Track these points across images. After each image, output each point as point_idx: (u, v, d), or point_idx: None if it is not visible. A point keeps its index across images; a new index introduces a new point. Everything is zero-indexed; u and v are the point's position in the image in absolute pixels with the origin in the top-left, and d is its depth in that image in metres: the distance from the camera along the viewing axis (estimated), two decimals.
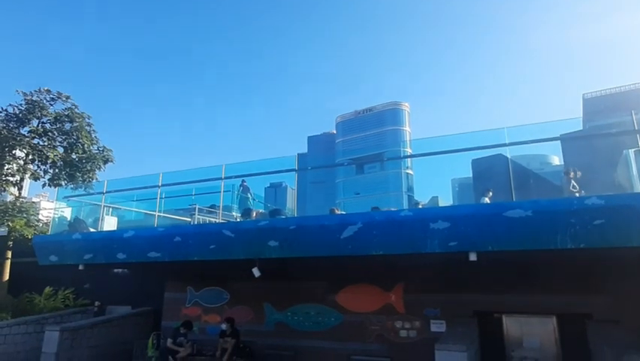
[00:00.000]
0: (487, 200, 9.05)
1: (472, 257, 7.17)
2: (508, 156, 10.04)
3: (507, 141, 8.84)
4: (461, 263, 7.52)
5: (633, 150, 10.21)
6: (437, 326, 9.63)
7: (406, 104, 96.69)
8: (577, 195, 8.14)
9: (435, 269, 9.60)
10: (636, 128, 8.01)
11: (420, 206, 10.09)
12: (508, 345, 9.36)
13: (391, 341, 9.96)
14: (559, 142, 11.23)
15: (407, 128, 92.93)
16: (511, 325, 9.48)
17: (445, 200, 13.82)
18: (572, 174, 8.60)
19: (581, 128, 13.04)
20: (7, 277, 15.49)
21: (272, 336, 11.07)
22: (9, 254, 15.67)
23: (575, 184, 8.55)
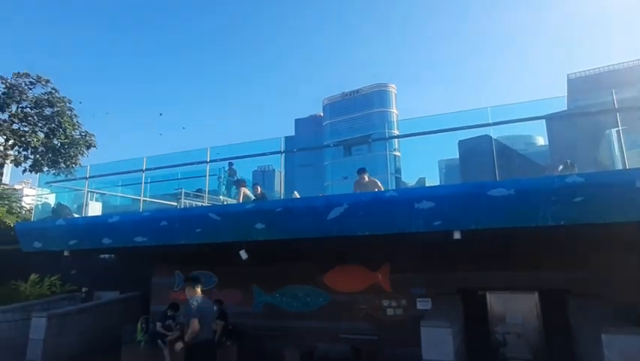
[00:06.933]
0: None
1: (457, 236, 7.29)
2: (493, 137, 10.12)
3: (491, 121, 8.88)
4: (446, 242, 7.64)
5: (615, 129, 10.37)
6: (423, 304, 9.81)
7: (393, 85, 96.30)
8: None
9: (420, 248, 9.75)
10: (616, 107, 8.10)
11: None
12: (492, 321, 9.61)
13: (379, 320, 10.13)
14: (544, 123, 11.37)
15: (394, 109, 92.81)
16: (495, 301, 9.71)
17: (433, 181, 13.92)
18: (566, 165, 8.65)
19: (566, 109, 13.17)
20: None
21: (261, 318, 11.18)
22: None
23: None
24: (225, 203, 12.28)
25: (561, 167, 8.74)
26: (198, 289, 6.59)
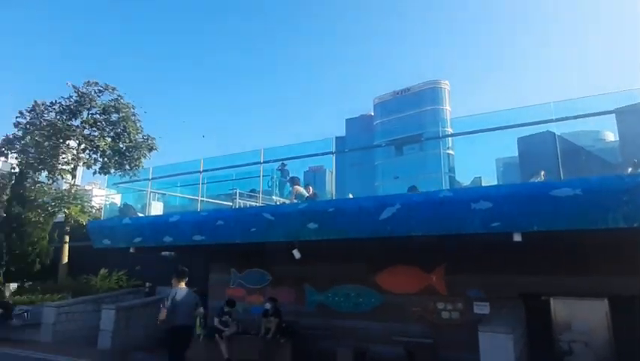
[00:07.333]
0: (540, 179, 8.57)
1: (517, 238, 6.96)
2: (557, 133, 9.57)
3: (554, 117, 8.41)
4: (505, 244, 7.30)
5: None
6: (480, 308, 9.44)
7: (446, 82, 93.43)
8: None
9: (477, 250, 9.38)
10: None
11: None
12: (556, 329, 9.08)
13: (433, 323, 9.88)
14: (613, 117, 10.57)
15: (447, 107, 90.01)
16: (559, 308, 9.17)
17: (489, 180, 13.37)
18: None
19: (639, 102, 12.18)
20: (66, 259, 16.63)
21: (313, 317, 11.27)
22: (67, 239, 16.78)
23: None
24: (278, 203, 12.52)
25: (630, 169, 8.13)
26: (182, 283, 7.45)
